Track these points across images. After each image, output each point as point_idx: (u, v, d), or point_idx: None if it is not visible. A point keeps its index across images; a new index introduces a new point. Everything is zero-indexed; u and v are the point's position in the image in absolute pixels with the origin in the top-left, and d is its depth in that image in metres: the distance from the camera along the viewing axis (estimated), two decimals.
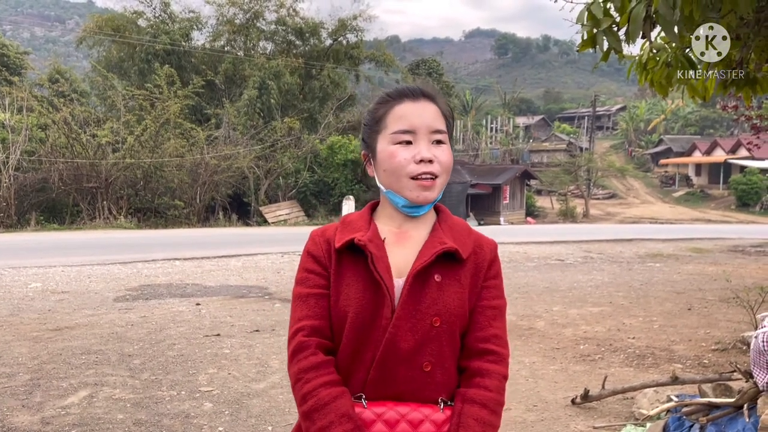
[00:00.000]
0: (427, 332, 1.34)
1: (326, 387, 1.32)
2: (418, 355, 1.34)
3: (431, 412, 1.34)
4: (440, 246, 1.39)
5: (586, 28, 2.92)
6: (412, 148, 1.39)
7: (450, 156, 1.43)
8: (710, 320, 7.19)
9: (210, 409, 4.15)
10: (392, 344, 1.33)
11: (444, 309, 1.36)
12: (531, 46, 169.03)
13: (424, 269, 1.36)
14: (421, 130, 1.39)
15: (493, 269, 1.46)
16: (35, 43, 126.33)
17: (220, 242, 16.16)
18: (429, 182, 1.39)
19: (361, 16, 32.26)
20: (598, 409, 4.18)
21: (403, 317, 1.34)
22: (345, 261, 1.40)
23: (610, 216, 37.12)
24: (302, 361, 1.35)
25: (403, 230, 1.45)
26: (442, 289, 1.37)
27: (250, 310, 7.54)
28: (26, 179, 21.27)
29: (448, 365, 1.38)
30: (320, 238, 1.45)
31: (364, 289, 1.36)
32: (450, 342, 1.38)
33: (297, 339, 1.38)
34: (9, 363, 5.13)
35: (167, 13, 31.14)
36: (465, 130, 50.18)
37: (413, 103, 1.42)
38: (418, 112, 1.40)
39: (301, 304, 1.41)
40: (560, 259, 13.63)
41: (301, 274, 1.44)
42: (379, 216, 1.49)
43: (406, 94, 1.43)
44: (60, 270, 10.57)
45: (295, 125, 27.04)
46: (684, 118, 59.31)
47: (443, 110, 1.45)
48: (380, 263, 1.36)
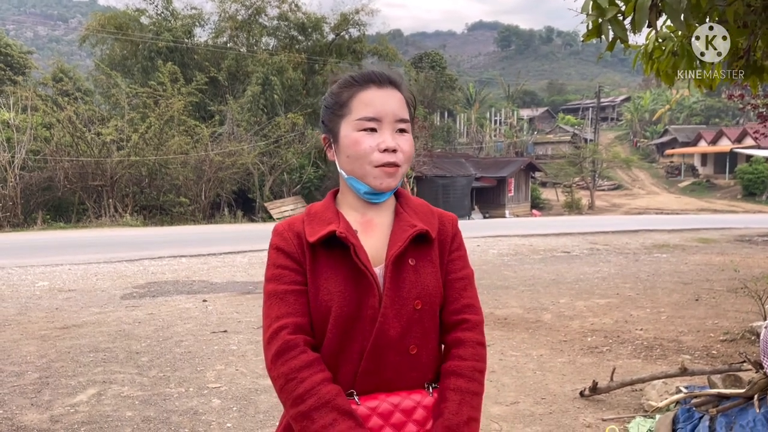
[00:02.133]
0: (410, 316, 1.35)
1: (324, 384, 1.29)
2: (404, 340, 1.34)
3: (421, 397, 1.36)
4: (411, 229, 1.38)
5: (591, 18, 2.89)
6: (377, 136, 1.36)
7: (412, 145, 1.41)
8: (718, 311, 7.15)
9: (218, 405, 4.15)
10: (382, 333, 1.32)
11: (423, 291, 1.36)
12: (534, 37, 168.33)
13: (400, 254, 1.36)
14: (386, 118, 1.37)
15: (455, 242, 1.47)
16: (38, 43, 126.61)
17: (225, 239, 16.19)
18: (392, 169, 1.37)
19: (363, 10, 32.26)
20: (607, 401, 4.16)
21: (389, 304, 1.33)
22: (320, 254, 1.37)
23: (616, 207, 37.02)
24: (292, 360, 1.30)
25: (367, 218, 1.43)
26: (418, 272, 1.37)
27: (257, 306, 7.54)
28: (32, 178, 21.37)
29: (432, 345, 1.40)
30: (288, 232, 1.41)
31: (345, 281, 1.34)
32: (432, 322, 1.39)
33: (281, 338, 1.32)
34: (17, 362, 5.15)
35: (169, 10, 31.15)
36: (469, 123, 50.06)
37: (379, 89, 1.38)
38: (384, 100, 1.38)
39: (278, 302, 1.36)
40: (566, 251, 13.59)
41: (273, 270, 1.39)
42: (341, 204, 1.46)
43: (372, 79, 1.39)
44: (67, 268, 10.61)
45: (299, 121, 27.03)
46: (689, 108, 59.01)
47: (407, 98, 1.43)
48: (362, 253, 1.35)
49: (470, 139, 48.97)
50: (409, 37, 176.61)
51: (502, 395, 4.32)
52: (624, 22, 2.94)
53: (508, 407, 4.09)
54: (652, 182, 47.63)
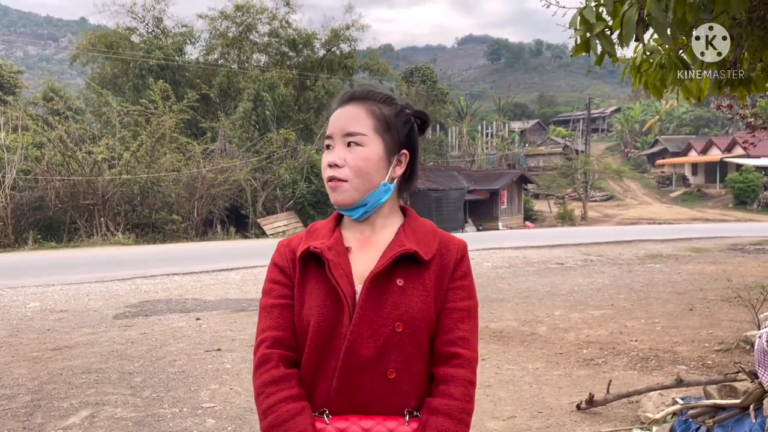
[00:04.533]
0: (389, 338, 1.30)
1: (286, 402, 1.29)
2: (381, 363, 1.30)
3: (396, 425, 1.30)
4: (398, 249, 1.35)
5: (579, 33, 2.92)
6: (330, 152, 1.39)
7: (364, 156, 1.36)
8: (712, 320, 7.17)
9: (213, 425, 4.11)
10: (352, 351, 1.30)
11: (406, 313, 1.31)
12: (524, 50, 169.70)
13: (382, 273, 1.33)
14: (336, 134, 1.39)
15: (460, 270, 1.40)
16: (29, 62, 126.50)
17: (218, 256, 16.12)
18: (334, 183, 1.37)
19: (354, 26, 32.46)
20: (604, 413, 4.15)
21: (361, 323, 1.30)
22: (309, 270, 1.38)
23: (609, 218, 37.16)
24: (264, 375, 1.33)
25: (366, 236, 1.42)
26: (404, 293, 1.32)
27: (251, 324, 7.49)
28: (23, 198, 21.23)
29: (415, 372, 1.33)
30: (286, 248, 1.44)
31: (324, 297, 1.33)
32: (416, 348, 1.33)
33: (260, 351, 1.35)
34: (9, 384, 5.09)
35: (160, 28, 31.25)
36: (461, 137, 50.29)
37: (339, 109, 1.41)
38: (338, 117, 1.40)
39: (265, 315, 1.39)
40: (560, 262, 13.61)
41: (267, 285, 1.43)
42: (344, 223, 1.47)
43: (338, 100, 1.44)
44: (59, 288, 10.53)
45: (291, 136, 27.07)
46: (679, 119, 59.53)
47: (371, 110, 1.39)
48: (337, 270, 1.34)
49: (462, 152, 49.18)
50: (399, 52, 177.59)
51: (498, 409, 4.30)
52: (611, 37, 2.98)
53: (505, 422, 4.07)
54: (644, 192, 47.90)
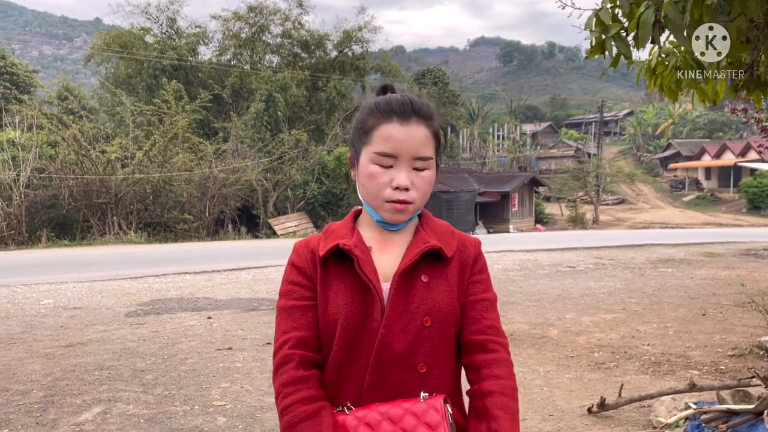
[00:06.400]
0: (418, 332, 1.34)
1: (303, 403, 1.31)
2: (412, 357, 1.34)
3: (411, 404, 1.32)
4: (424, 245, 1.38)
5: (595, 35, 2.91)
6: (392, 171, 1.35)
7: (430, 180, 1.39)
8: (726, 325, 7.11)
9: (223, 423, 4.13)
10: (384, 346, 1.32)
11: (434, 308, 1.35)
12: (536, 53, 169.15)
13: (409, 269, 1.36)
14: (403, 155, 1.34)
15: (478, 265, 1.45)
16: (44, 62, 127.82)
17: (229, 255, 16.19)
18: (402, 206, 1.36)
19: (366, 27, 32.53)
20: (615, 417, 4.13)
21: (393, 318, 1.33)
22: (331, 269, 1.40)
23: (620, 221, 36.94)
24: (283, 375, 1.34)
25: (385, 236, 1.44)
26: (430, 289, 1.36)
27: (262, 323, 7.53)
28: (37, 196, 21.45)
29: (443, 365, 1.38)
30: (304, 249, 1.44)
31: (352, 294, 1.35)
32: (443, 342, 1.37)
33: (282, 352, 1.36)
34: (23, 380, 5.14)
35: (174, 28, 31.47)
36: (472, 139, 50.22)
37: (401, 125, 1.34)
38: (404, 136, 1.34)
39: (286, 317, 1.40)
40: (571, 266, 13.55)
41: (285, 286, 1.43)
42: (361, 224, 1.48)
43: (396, 111, 1.35)
44: (72, 286, 10.61)
45: (303, 137, 27.16)
46: (692, 122, 59.12)
47: (434, 130, 1.39)
48: (367, 266, 1.36)
49: (473, 155, 49.11)
50: (411, 54, 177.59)
51: None
52: (627, 38, 2.96)
53: None
54: (656, 196, 47.58)
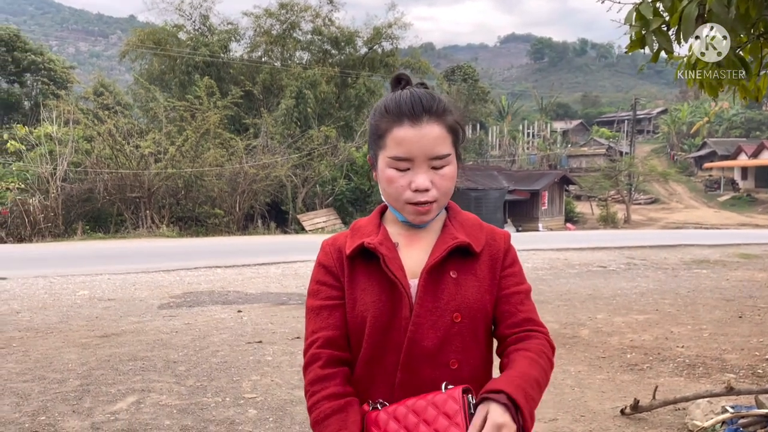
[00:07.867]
0: (448, 328, 1.33)
1: (329, 399, 1.33)
2: (443, 353, 1.33)
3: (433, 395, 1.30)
4: (452, 241, 1.37)
5: (635, 29, 2.85)
6: (410, 174, 1.33)
7: (451, 176, 1.36)
8: (763, 328, 6.93)
9: (254, 415, 4.17)
10: (414, 343, 1.32)
11: (464, 304, 1.34)
12: (567, 49, 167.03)
13: (437, 265, 1.35)
14: (419, 157, 1.32)
15: (509, 258, 1.44)
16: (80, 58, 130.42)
17: (259, 250, 16.34)
18: (424, 208, 1.35)
19: (396, 24, 32.45)
20: (649, 420, 4.06)
21: (422, 314, 1.33)
22: (358, 267, 1.40)
23: (653, 221, 36.32)
24: (311, 374, 1.37)
25: (412, 232, 1.43)
26: (459, 285, 1.36)
27: (291, 317, 7.58)
28: (73, 190, 21.95)
29: (475, 361, 1.37)
30: (331, 247, 1.45)
31: (380, 292, 1.35)
32: (474, 338, 1.36)
33: (310, 351, 1.39)
34: (60, 369, 5.27)
35: (206, 25, 31.83)
36: (501, 136, 49.84)
37: (412, 127, 1.31)
38: (417, 138, 1.31)
39: (314, 317, 1.41)
40: (602, 265, 13.36)
41: (313, 286, 1.44)
42: (387, 220, 1.47)
43: (405, 113, 1.32)
44: (106, 278, 10.83)
45: (332, 134, 27.26)
46: (728, 121, 57.71)
47: (449, 125, 1.35)
48: (393, 263, 1.35)
49: (503, 152, 48.75)
50: (441, 50, 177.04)
51: (540, 412, 4.24)
52: (668, 33, 2.90)
53: (546, 424, 4.02)
54: (691, 196, 46.65)
